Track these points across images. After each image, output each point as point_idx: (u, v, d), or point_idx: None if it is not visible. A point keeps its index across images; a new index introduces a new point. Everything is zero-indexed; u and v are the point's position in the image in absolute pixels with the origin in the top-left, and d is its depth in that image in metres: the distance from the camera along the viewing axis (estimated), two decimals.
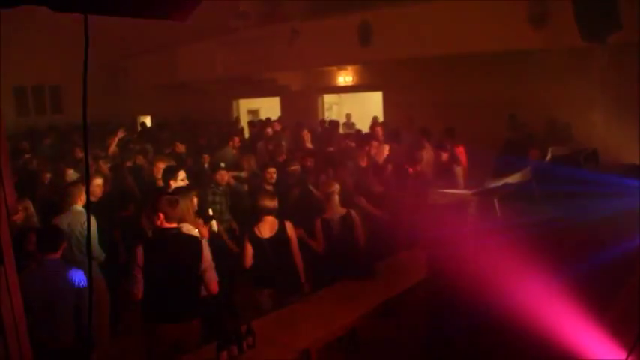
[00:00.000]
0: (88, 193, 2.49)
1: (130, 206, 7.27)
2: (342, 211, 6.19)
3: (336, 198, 6.17)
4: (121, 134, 11.04)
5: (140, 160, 9.77)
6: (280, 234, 5.69)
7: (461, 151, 8.93)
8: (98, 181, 6.83)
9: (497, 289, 4.13)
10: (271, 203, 5.72)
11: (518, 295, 4.09)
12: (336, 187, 6.23)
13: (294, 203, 7.28)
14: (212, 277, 4.77)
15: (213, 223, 6.09)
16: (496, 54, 10.75)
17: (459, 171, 8.55)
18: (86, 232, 5.84)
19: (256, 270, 5.67)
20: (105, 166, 8.75)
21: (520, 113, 10.97)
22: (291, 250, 5.75)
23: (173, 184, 6.39)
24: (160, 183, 7.03)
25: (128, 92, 21.46)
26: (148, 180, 8.28)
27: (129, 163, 9.38)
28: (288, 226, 5.77)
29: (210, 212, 6.13)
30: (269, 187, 7.12)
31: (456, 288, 4.48)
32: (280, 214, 5.82)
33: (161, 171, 7.09)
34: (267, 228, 5.68)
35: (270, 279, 5.63)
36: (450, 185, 7.32)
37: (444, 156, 8.41)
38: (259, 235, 5.65)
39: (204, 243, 4.89)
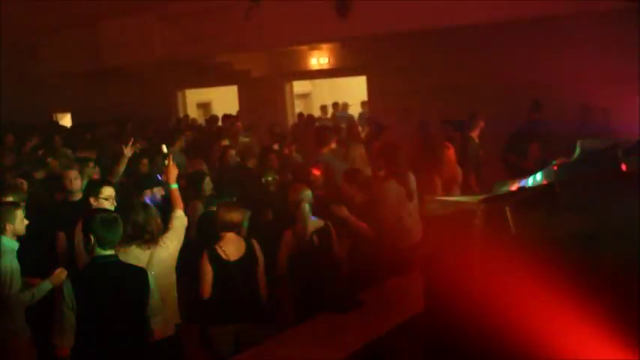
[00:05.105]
0: None
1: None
2: (318, 223, 6.37)
3: (307, 207, 6.31)
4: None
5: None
6: (249, 256, 5.92)
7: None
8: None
9: (513, 324, 4.12)
10: (236, 216, 5.92)
11: (539, 332, 4.08)
12: (307, 193, 6.41)
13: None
14: (160, 323, 4.85)
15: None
16: (513, 23, 10.84)
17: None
18: None
19: (216, 302, 5.80)
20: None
21: (547, 98, 11.04)
22: (259, 275, 5.98)
23: (94, 203, 6.32)
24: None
25: (39, 82, 21.13)
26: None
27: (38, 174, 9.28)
28: (256, 245, 6.02)
29: None
30: None
31: (461, 323, 4.47)
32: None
33: (72, 182, 7.26)
34: (232, 248, 5.86)
35: (236, 312, 5.80)
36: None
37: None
38: (224, 256, 5.80)
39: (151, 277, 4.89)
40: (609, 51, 10.11)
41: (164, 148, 6.25)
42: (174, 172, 5.87)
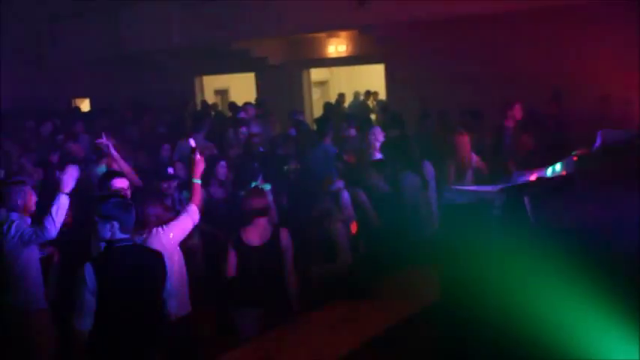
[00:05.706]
0: None
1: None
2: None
3: (347, 194, 6.59)
4: None
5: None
6: (272, 243, 5.92)
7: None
8: None
9: (531, 318, 4.08)
10: (260, 202, 5.97)
11: (553, 324, 4.04)
12: (341, 183, 6.68)
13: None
14: (174, 307, 4.88)
15: None
16: (533, 12, 10.75)
17: None
18: None
19: (239, 286, 5.91)
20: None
21: (568, 88, 10.93)
22: (284, 263, 5.98)
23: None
24: None
25: (59, 68, 21.23)
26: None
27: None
28: (284, 233, 6.01)
29: None
30: None
31: (476, 316, 4.44)
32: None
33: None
34: (256, 234, 5.92)
35: (255, 297, 5.87)
36: None
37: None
38: (246, 241, 5.87)
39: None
40: (630, 41, 9.99)
41: (192, 142, 6.14)
42: (200, 167, 5.80)
